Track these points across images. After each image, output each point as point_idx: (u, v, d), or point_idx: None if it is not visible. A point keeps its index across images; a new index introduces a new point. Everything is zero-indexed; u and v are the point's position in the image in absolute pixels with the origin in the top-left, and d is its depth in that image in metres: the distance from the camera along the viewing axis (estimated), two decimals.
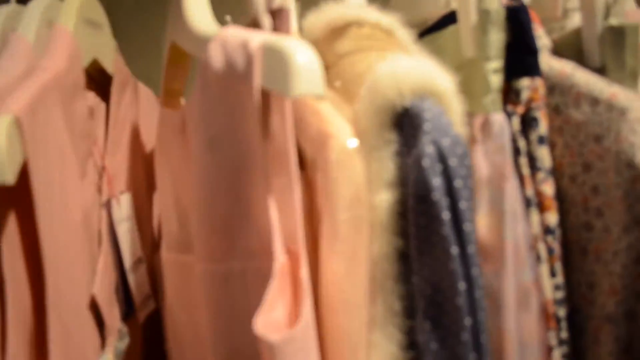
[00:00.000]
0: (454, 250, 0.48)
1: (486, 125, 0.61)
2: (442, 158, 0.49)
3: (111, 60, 0.69)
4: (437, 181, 0.49)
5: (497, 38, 0.62)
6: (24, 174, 0.49)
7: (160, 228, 0.71)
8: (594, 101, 0.62)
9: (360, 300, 0.52)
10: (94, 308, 0.59)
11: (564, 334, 0.61)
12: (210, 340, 0.56)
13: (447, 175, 0.49)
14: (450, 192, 0.49)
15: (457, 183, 0.49)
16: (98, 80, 0.68)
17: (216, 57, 0.51)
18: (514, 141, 0.62)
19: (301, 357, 0.48)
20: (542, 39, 0.69)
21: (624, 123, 0.60)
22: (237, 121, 0.51)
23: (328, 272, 0.53)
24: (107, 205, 0.64)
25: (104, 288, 0.60)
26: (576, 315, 0.64)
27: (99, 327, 0.60)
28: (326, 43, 0.64)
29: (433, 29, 0.72)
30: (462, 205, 0.49)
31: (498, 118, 0.61)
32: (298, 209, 0.52)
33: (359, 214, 0.52)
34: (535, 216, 0.61)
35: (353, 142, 0.53)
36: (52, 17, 0.61)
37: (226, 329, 0.55)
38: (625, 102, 0.61)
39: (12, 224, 0.51)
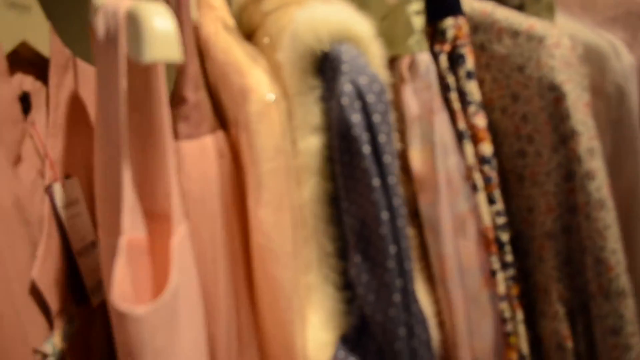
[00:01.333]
0: (376, 182, 0.51)
1: (413, 65, 0.64)
2: (360, 95, 0.52)
3: (46, 43, 0.70)
4: (356, 117, 0.51)
5: None
6: None
7: None
8: (515, 34, 0.65)
9: (290, 247, 0.54)
10: (36, 292, 0.59)
11: (509, 257, 0.64)
12: None
13: (366, 111, 0.51)
14: (370, 127, 0.51)
15: (376, 118, 0.51)
16: (38, 64, 0.68)
17: (99, 26, 0.51)
18: (443, 78, 0.64)
19: (169, 328, 0.48)
20: None
21: (542, 50, 0.62)
22: (111, 90, 0.51)
23: (257, 223, 0.55)
24: (49, 190, 0.63)
25: (46, 272, 0.60)
26: (520, 239, 0.67)
27: (46, 312, 0.59)
28: (253, 4, 0.66)
29: None
30: (382, 138, 0.51)
31: (424, 57, 0.63)
32: (170, 178, 0.52)
33: (282, 164, 0.54)
34: (469, 148, 0.63)
35: (272, 95, 0.54)
36: None
37: None
38: (542, 31, 0.63)
39: None
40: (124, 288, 0.48)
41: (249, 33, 0.67)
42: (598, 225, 0.61)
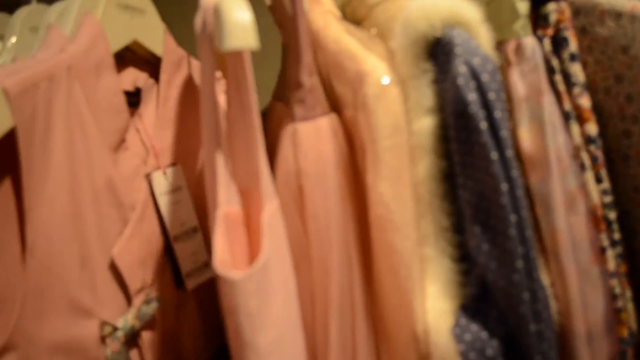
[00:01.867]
0: (494, 155, 0.53)
1: (519, 49, 0.66)
2: (474, 75, 0.55)
3: (159, 42, 0.75)
4: (472, 96, 0.54)
5: None
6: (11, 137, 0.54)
7: None
8: (618, 15, 0.66)
9: (409, 219, 0.58)
10: (115, 270, 0.63)
11: (617, 235, 0.65)
12: None
13: (481, 90, 0.54)
14: (486, 104, 0.54)
15: (491, 96, 0.54)
16: (153, 63, 0.74)
17: (198, 22, 0.56)
18: (547, 61, 0.66)
19: (261, 294, 0.52)
20: None
21: None
22: (206, 80, 0.57)
23: (376, 196, 0.58)
24: (148, 178, 0.69)
25: (129, 252, 0.64)
26: (626, 218, 0.68)
27: (124, 290, 0.64)
28: None
29: None
30: (497, 114, 0.54)
31: (530, 41, 0.66)
32: (260, 160, 0.57)
33: (399, 141, 0.58)
34: (575, 128, 0.65)
35: (387, 77, 0.58)
36: (89, 9, 0.67)
37: None
38: None
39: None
40: (223, 255, 0.53)
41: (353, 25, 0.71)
42: None
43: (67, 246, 0.58)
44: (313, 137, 0.62)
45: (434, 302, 0.57)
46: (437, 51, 0.58)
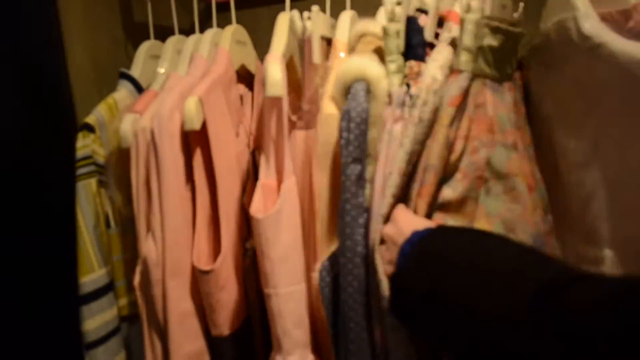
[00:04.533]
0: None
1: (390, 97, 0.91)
2: (348, 117, 0.88)
3: (254, 65, 1.20)
4: (344, 134, 0.88)
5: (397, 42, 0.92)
6: (204, 126, 1.01)
7: None
8: None
9: (332, 194, 0.97)
10: (243, 210, 1.06)
11: None
12: None
13: (348, 129, 0.88)
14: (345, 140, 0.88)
15: (350, 136, 0.88)
16: (248, 78, 1.17)
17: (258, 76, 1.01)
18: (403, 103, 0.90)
19: (274, 227, 0.94)
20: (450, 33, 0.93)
21: None
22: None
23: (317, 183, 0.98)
24: (252, 154, 1.12)
25: (248, 199, 1.04)
26: None
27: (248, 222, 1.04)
28: (356, 44, 1.05)
29: None
30: (349, 149, 0.87)
31: (396, 90, 0.90)
32: (284, 154, 0.97)
33: (330, 150, 0.96)
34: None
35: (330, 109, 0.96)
36: (217, 41, 1.15)
37: None
38: None
39: (199, 154, 1.04)
40: (257, 206, 0.97)
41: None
42: None
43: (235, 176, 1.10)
44: (302, 140, 1.03)
45: None
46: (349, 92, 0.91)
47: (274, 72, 0.93)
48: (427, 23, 0.93)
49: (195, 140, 1.05)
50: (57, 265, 1.24)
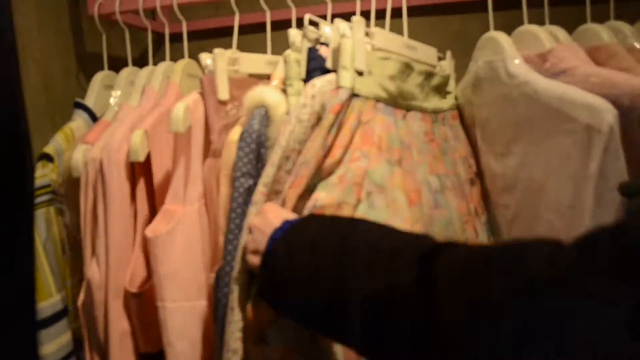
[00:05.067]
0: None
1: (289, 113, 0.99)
2: (240, 139, 0.96)
3: None
4: (239, 153, 0.96)
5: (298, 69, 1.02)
6: (148, 157, 1.10)
7: None
8: None
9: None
10: None
11: None
12: None
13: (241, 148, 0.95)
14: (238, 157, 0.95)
15: (239, 153, 0.96)
16: None
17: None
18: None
19: (164, 246, 1.04)
20: None
21: None
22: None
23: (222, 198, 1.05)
24: None
25: None
26: None
27: None
28: None
29: None
30: (240, 164, 0.95)
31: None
32: (189, 182, 1.08)
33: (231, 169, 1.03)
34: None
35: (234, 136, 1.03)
36: (169, 74, 1.24)
37: None
38: None
39: (142, 183, 1.14)
40: (154, 227, 1.07)
41: None
42: None
43: None
44: (212, 167, 1.11)
45: None
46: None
47: (176, 111, 1.04)
48: (328, 53, 1.01)
49: (139, 171, 1.14)
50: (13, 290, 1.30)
